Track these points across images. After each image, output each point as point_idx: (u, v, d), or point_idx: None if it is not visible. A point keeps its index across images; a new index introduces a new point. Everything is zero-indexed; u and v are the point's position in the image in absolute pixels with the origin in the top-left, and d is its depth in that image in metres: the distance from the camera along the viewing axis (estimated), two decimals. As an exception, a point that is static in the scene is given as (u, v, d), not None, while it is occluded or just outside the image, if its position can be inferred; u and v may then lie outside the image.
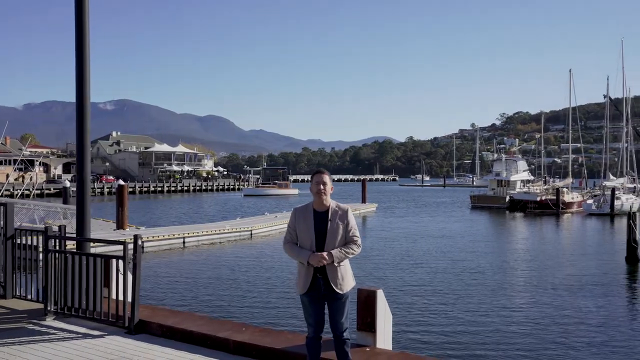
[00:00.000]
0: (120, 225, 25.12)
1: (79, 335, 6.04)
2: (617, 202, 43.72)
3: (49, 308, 6.58)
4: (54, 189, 68.34)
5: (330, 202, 4.54)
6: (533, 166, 77.94)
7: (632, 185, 52.02)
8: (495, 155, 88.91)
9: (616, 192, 44.83)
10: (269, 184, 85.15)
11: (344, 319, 4.55)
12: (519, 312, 13.53)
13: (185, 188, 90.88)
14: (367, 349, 5.18)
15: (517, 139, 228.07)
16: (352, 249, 4.47)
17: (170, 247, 23.45)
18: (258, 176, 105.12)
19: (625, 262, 20.76)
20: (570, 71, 53.80)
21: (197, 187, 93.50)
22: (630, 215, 21.22)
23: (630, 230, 20.89)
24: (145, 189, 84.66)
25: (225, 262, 20.64)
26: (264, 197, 71.97)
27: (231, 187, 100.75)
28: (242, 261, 20.85)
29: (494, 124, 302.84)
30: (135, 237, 6.14)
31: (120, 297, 6.21)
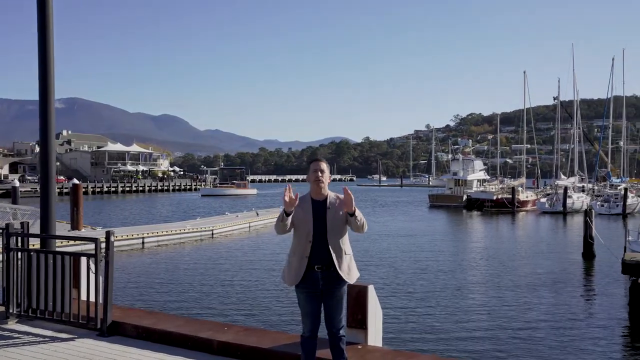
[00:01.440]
0: (75, 226, 24.18)
1: (46, 339, 5.63)
2: (568, 201, 45.10)
3: (10, 310, 6.13)
4: (0, 189, 65.62)
5: (329, 192, 4.34)
6: (486, 166, 79.73)
7: (580, 185, 53.91)
8: (450, 156, 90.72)
9: (567, 191, 46.26)
10: (227, 184, 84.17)
11: (342, 315, 4.35)
12: (486, 310, 13.64)
13: (141, 188, 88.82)
14: (359, 347, 5.00)
15: (470, 140, 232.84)
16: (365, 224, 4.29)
17: (129, 248, 22.73)
18: (215, 176, 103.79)
19: (582, 258, 21.32)
20: (524, 73, 55.25)
21: (153, 188, 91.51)
22: (587, 213, 21.80)
23: (587, 227, 21.45)
24: (99, 189, 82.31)
25: (188, 262, 20.13)
26: (222, 197, 71.06)
27: (188, 187, 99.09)
28: (206, 261, 20.38)
29: (448, 125, 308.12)
30: (108, 234, 5.78)
31: (91, 298, 5.84)
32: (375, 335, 5.22)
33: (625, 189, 45.59)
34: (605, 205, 43.98)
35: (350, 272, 4.30)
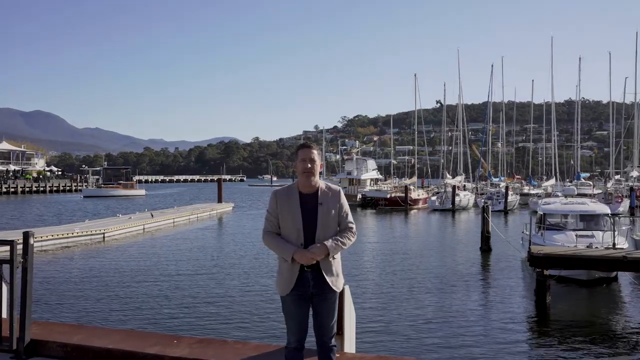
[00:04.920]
0: (-59, 231, 21.29)
1: (-55, 367, 4.54)
2: (456, 199, 47.59)
3: None
4: None
5: (320, 183, 3.77)
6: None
7: (462, 184, 57.31)
8: (338, 157, 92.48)
9: (456, 190, 48.82)
10: (113, 184, 79.56)
11: (334, 322, 3.82)
12: (391, 311, 13.57)
13: (12, 190, 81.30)
14: (337, 355, 4.47)
15: (357, 141, 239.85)
16: (348, 238, 3.74)
17: (5, 255, 20.31)
18: (98, 176, 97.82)
19: (480, 251, 22.28)
20: (415, 75, 57.51)
21: (27, 189, 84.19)
22: (484, 209, 22.85)
23: (484, 222, 22.48)
24: (-38, 191, 74.27)
25: (81, 268, 18.37)
26: (108, 198, 66.98)
27: (67, 188, 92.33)
28: (103, 266, 18.70)
29: (336, 127, 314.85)
30: (26, 235, 4.80)
31: (3, 314, 4.81)
32: (350, 341, 4.74)
33: (507, 187, 48.99)
34: (488, 202, 46.86)
35: (338, 277, 3.79)
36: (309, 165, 3.68)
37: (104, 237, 25.63)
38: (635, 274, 15.51)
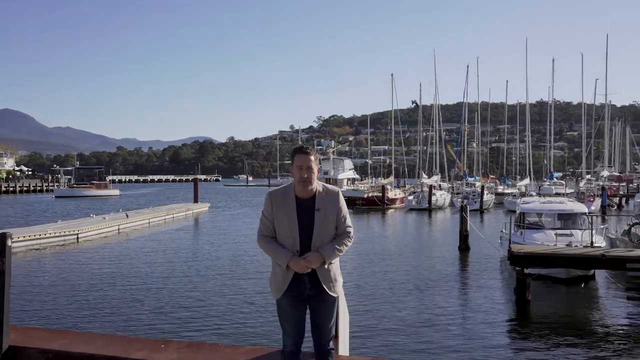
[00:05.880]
0: None
1: None
2: (433, 198, 47.88)
3: None
4: None
5: (317, 186, 3.61)
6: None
7: (437, 184, 57.84)
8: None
9: (432, 189, 49.14)
10: (85, 184, 78.22)
11: (332, 324, 3.69)
12: (374, 311, 13.53)
13: (-20, 190, 79.43)
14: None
15: (332, 141, 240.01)
16: (345, 244, 3.61)
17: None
18: (70, 176, 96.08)
19: (459, 250, 22.39)
20: (392, 75, 57.65)
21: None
22: (463, 208, 22.96)
23: (463, 221, 22.59)
24: None
25: (53, 271, 17.91)
26: (80, 199, 65.77)
27: (38, 188, 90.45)
28: (78, 269, 18.29)
29: (311, 126, 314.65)
30: (3, 236, 4.55)
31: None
32: (344, 344, 4.61)
33: (482, 187, 49.49)
34: (465, 201, 47.28)
35: (336, 282, 3.66)
36: (306, 175, 3.52)
37: (77, 238, 25.08)
38: (612, 271, 15.73)
